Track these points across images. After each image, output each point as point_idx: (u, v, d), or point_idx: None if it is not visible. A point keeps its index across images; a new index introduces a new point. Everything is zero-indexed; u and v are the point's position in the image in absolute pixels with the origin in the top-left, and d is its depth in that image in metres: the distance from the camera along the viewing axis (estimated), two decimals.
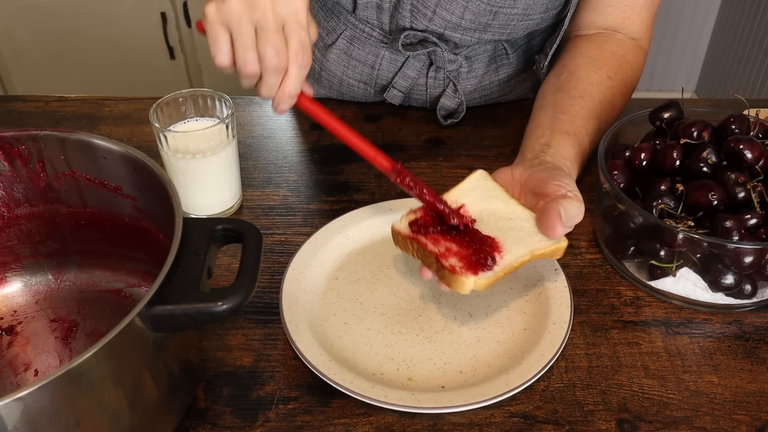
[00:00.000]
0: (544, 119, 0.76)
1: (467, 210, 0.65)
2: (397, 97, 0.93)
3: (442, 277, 0.60)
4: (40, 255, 0.65)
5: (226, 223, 0.54)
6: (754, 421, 0.59)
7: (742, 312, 0.68)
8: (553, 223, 0.60)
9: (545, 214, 0.61)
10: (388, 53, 0.90)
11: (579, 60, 0.81)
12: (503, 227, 0.63)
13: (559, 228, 0.60)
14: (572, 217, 0.62)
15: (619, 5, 0.82)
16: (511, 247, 0.61)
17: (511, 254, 0.60)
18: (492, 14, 0.81)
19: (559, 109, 0.76)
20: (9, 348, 0.62)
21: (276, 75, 0.59)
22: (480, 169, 0.68)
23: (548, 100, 0.79)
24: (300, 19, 0.57)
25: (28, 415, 0.42)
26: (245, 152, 0.88)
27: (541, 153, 0.71)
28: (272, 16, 0.56)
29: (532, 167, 0.68)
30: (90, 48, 2.10)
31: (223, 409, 0.60)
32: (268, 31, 0.56)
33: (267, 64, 0.57)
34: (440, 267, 0.60)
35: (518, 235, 0.62)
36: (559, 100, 0.78)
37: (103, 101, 0.98)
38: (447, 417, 0.59)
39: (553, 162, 0.70)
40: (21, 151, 0.59)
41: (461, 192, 0.66)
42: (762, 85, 2.05)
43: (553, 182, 0.64)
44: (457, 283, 0.59)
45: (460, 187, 0.67)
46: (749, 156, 0.65)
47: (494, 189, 0.66)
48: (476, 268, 0.59)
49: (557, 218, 0.60)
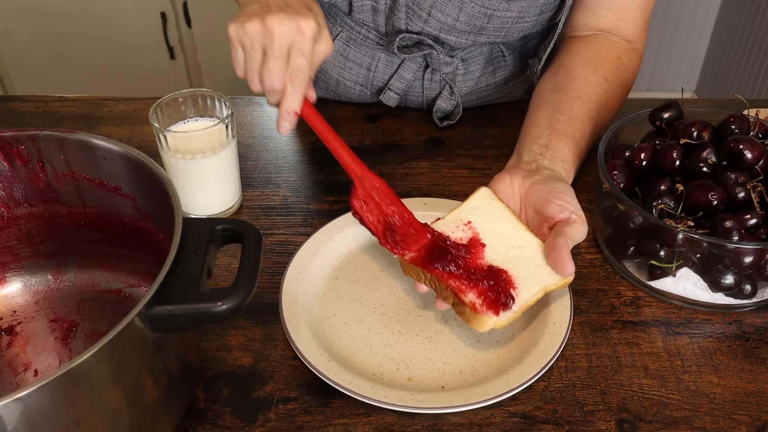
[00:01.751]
0: (541, 119, 0.76)
1: (474, 228, 0.65)
2: (393, 99, 0.93)
3: (461, 312, 0.60)
4: (39, 255, 0.65)
5: (225, 223, 0.54)
6: (754, 421, 0.59)
7: (742, 312, 0.68)
8: (564, 263, 0.60)
9: (555, 253, 0.61)
10: (384, 55, 0.91)
11: (576, 60, 0.81)
12: (513, 258, 0.63)
13: (570, 267, 0.60)
14: (576, 241, 0.62)
15: (612, 7, 0.82)
16: (524, 283, 0.61)
17: (525, 291, 0.60)
18: (487, 17, 0.81)
19: (557, 109, 0.76)
20: (9, 348, 0.62)
21: (274, 94, 0.66)
22: (484, 187, 0.68)
23: (546, 99, 0.79)
24: (302, 48, 0.64)
25: (28, 416, 0.41)
26: (245, 152, 0.88)
27: (539, 155, 0.71)
28: (278, 43, 0.63)
29: (531, 176, 0.68)
30: (90, 48, 2.10)
31: (223, 409, 0.60)
32: (271, 56, 0.64)
33: (266, 87, 0.65)
34: (458, 302, 0.60)
35: (529, 267, 0.62)
36: (557, 100, 0.78)
37: (102, 101, 0.98)
38: (447, 417, 0.59)
39: (551, 167, 0.70)
40: (20, 151, 0.59)
41: (467, 210, 0.66)
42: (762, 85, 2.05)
43: (555, 202, 0.64)
44: (478, 321, 0.58)
45: (466, 206, 0.67)
46: (749, 156, 0.65)
47: (500, 210, 0.66)
48: (495, 306, 0.59)
49: (567, 258, 0.60)
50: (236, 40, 0.65)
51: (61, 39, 2.08)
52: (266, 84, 0.65)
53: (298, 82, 0.64)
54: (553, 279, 0.61)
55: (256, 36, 0.64)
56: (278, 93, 0.65)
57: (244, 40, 0.64)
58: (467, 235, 0.64)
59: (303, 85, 0.64)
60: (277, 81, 0.64)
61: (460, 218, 0.66)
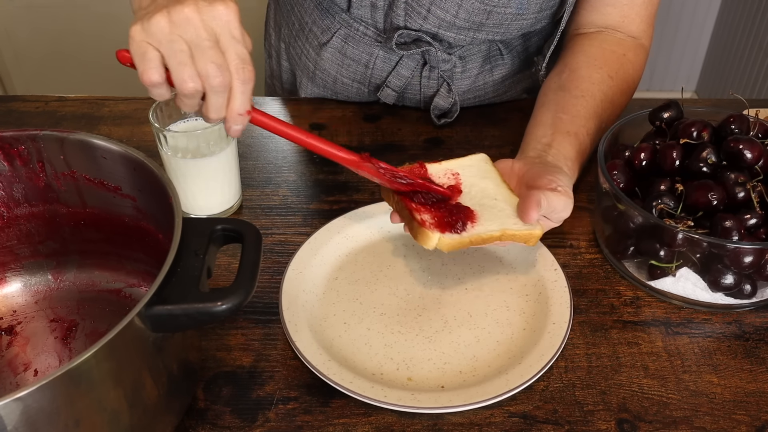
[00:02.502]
0: (545, 118, 0.77)
1: (460, 180, 0.67)
2: (390, 96, 0.93)
3: (411, 229, 0.63)
4: (39, 255, 0.65)
5: (225, 223, 0.54)
6: (754, 421, 0.59)
7: (741, 312, 0.68)
8: (529, 207, 0.62)
9: (525, 199, 0.63)
10: (382, 52, 0.91)
11: (580, 58, 0.82)
12: (485, 204, 0.65)
13: (533, 212, 0.62)
14: (557, 210, 0.63)
15: (617, 4, 0.82)
16: (485, 222, 0.63)
17: (482, 227, 0.63)
18: (486, 13, 0.81)
19: (560, 108, 0.77)
20: (9, 348, 0.62)
21: (221, 93, 0.54)
22: (482, 153, 0.70)
23: (550, 98, 0.79)
24: (234, 33, 0.53)
25: (28, 415, 0.41)
26: (245, 152, 0.88)
27: (543, 153, 0.72)
28: (204, 32, 0.52)
29: (533, 164, 0.69)
30: (90, 47, 2.10)
31: (223, 409, 0.60)
32: (204, 47, 0.52)
33: (211, 82, 0.52)
34: (411, 219, 0.62)
35: (497, 213, 0.64)
36: (561, 99, 0.78)
37: (102, 101, 0.98)
38: (447, 417, 0.59)
39: (554, 162, 0.71)
40: (20, 151, 0.59)
41: (459, 165, 0.69)
42: (762, 85, 2.05)
43: (546, 176, 0.65)
44: (423, 236, 0.61)
45: (459, 161, 0.69)
46: (749, 156, 0.65)
47: (490, 171, 0.69)
48: (443, 226, 0.62)
49: (534, 204, 0.62)
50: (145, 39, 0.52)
51: (61, 38, 2.08)
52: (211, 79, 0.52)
53: (245, 75, 0.53)
54: (516, 225, 0.63)
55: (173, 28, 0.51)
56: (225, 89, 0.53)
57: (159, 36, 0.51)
58: (450, 182, 0.67)
59: (251, 79, 0.54)
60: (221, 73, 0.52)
61: (450, 168, 0.68)
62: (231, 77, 0.53)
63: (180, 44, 0.52)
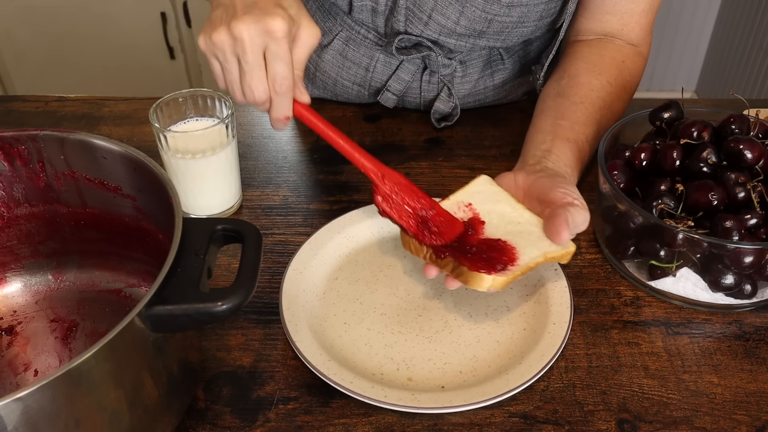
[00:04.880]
0: (545, 124, 0.77)
1: (475, 210, 0.65)
2: (390, 100, 0.93)
3: (459, 274, 0.61)
4: (39, 255, 0.65)
5: (225, 223, 0.54)
6: (754, 421, 0.59)
7: (742, 312, 0.68)
8: (560, 228, 0.61)
9: (553, 220, 0.62)
10: (383, 56, 0.91)
11: (579, 65, 0.82)
12: (513, 231, 0.63)
13: (565, 234, 0.61)
14: (578, 225, 0.63)
15: (617, 13, 0.82)
16: (525, 249, 0.62)
17: (525, 256, 0.61)
18: (487, 21, 0.81)
19: (560, 114, 0.77)
20: (9, 348, 0.62)
21: (263, 105, 0.63)
22: (483, 174, 0.69)
23: (549, 105, 0.79)
24: (277, 51, 0.59)
25: (28, 415, 0.41)
26: (245, 152, 0.88)
27: (543, 159, 0.72)
28: (250, 52, 0.59)
29: (534, 173, 0.69)
30: (90, 48, 2.10)
31: (223, 409, 0.60)
32: (247, 69, 0.60)
33: (254, 99, 0.62)
34: (459, 264, 0.60)
35: (529, 238, 0.63)
36: (560, 105, 0.78)
37: (102, 101, 0.98)
38: (447, 417, 0.59)
39: (554, 168, 0.70)
40: (21, 151, 0.59)
41: (467, 194, 0.67)
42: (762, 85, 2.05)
43: (558, 189, 0.65)
44: (476, 279, 0.59)
45: (465, 190, 0.67)
46: (749, 156, 0.65)
47: (499, 193, 0.67)
48: (489, 266, 0.60)
49: (564, 224, 0.61)
50: (208, 53, 0.62)
51: (62, 39, 2.08)
52: (249, 98, 0.62)
53: (282, 89, 0.61)
54: (552, 247, 0.62)
55: (226, 47, 0.60)
56: (265, 103, 0.62)
57: (215, 52, 0.61)
58: (467, 215, 0.65)
59: (288, 92, 0.62)
60: (260, 93, 0.61)
61: (461, 200, 0.67)
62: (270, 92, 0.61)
63: (232, 63, 0.61)
